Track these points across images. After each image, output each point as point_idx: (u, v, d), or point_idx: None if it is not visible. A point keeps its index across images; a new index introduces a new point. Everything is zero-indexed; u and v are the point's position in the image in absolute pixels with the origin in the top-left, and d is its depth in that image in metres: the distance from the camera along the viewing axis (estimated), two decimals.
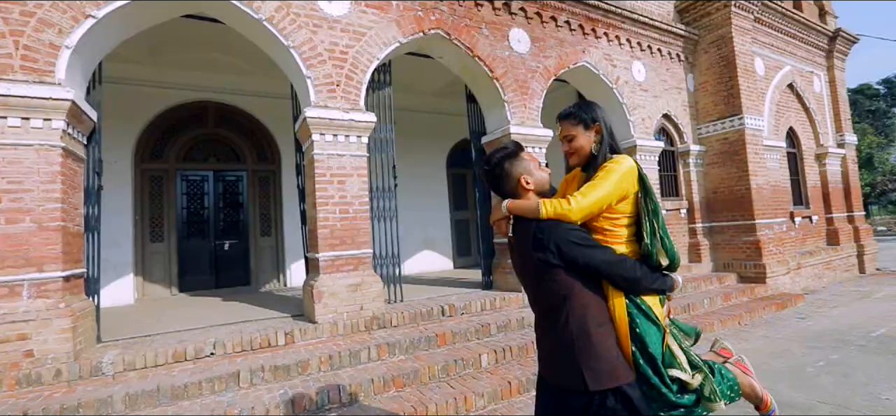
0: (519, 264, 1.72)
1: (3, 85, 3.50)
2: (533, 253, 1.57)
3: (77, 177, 4.06)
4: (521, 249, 1.65)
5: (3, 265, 3.49)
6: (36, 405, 3.18)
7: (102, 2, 3.88)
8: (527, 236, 1.60)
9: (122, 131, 7.25)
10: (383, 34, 5.22)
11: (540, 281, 1.60)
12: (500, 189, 1.75)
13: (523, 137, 6.06)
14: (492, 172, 1.74)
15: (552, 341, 1.60)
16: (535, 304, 1.70)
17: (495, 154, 1.75)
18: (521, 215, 1.65)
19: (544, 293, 1.61)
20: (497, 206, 1.73)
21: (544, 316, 1.64)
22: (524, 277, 1.70)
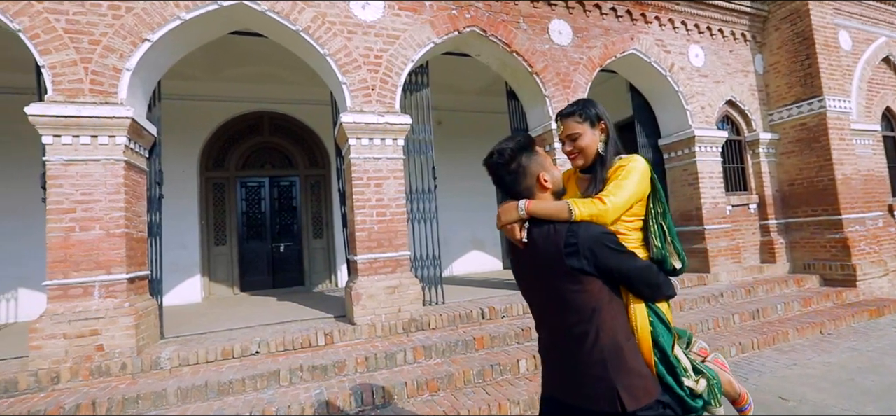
0: (530, 275, 1.52)
1: (76, 107, 3.90)
2: (565, 260, 1.37)
3: (140, 187, 4.44)
4: (539, 257, 1.45)
5: (78, 268, 3.89)
6: (103, 395, 3.51)
7: (156, 26, 4.21)
8: (552, 242, 1.41)
9: (187, 144, 7.88)
10: (417, 36, 5.22)
11: (561, 293, 1.41)
12: (512, 188, 1.53)
13: (548, 130, 5.80)
14: (505, 167, 1.51)
15: (575, 360, 1.41)
16: (549, 320, 1.50)
17: (507, 146, 1.52)
18: (545, 218, 1.45)
19: (565, 307, 1.42)
20: (509, 207, 1.50)
21: (562, 333, 1.44)
22: (537, 290, 1.51)
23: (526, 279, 1.55)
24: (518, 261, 1.55)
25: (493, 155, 1.53)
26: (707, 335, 5.17)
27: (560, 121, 1.69)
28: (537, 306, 1.54)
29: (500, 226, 1.52)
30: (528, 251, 1.48)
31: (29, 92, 4.65)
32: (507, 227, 1.51)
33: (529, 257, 1.48)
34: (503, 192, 1.56)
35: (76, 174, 3.93)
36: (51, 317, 3.79)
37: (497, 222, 1.52)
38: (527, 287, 1.56)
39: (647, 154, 7.33)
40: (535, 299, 1.53)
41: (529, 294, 1.55)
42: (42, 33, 3.91)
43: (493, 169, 1.55)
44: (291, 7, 4.68)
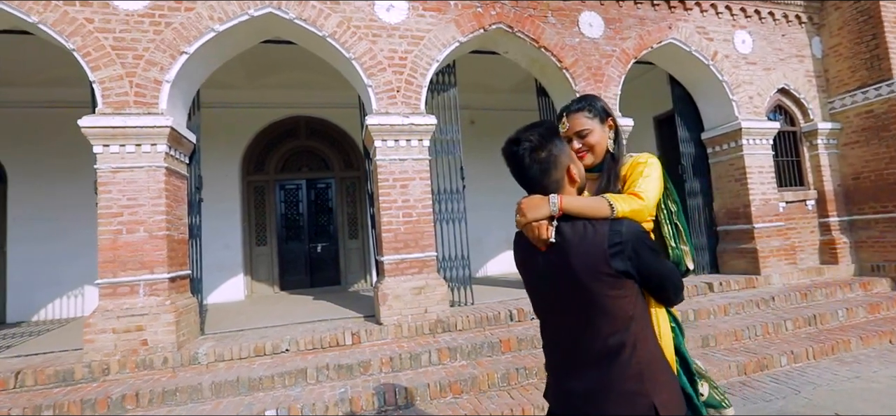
0: (553, 280, 1.30)
1: (122, 118, 4.19)
2: (610, 262, 1.23)
3: (180, 192, 4.70)
4: (573, 258, 1.26)
5: (125, 268, 4.18)
6: (146, 387, 3.75)
7: (192, 39, 4.44)
8: (591, 242, 1.25)
9: (230, 149, 8.28)
10: (442, 36, 5.20)
11: (597, 300, 1.24)
12: (538, 180, 1.34)
13: None
14: (534, 155, 1.31)
15: (606, 375, 1.25)
16: (574, 330, 1.29)
17: (536, 132, 1.32)
18: (580, 216, 1.29)
19: (600, 316, 1.25)
20: (537, 202, 1.30)
21: (591, 345, 1.27)
22: (561, 296, 1.30)
23: (545, 285, 1.34)
24: (534, 264, 1.35)
25: (519, 142, 1.31)
26: (754, 343, 4.81)
27: (566, 117, 1.59)
28: (557, 315, 1.33)
29: (525, 223, 1.30)
30: (552, 253, 1.28)
31: (79, 104, 5.03)
32: (533, 225, 1.30)
33: (556, 259, 1.28)
34: (525, 185, 1.37)
35: (123, 180, 4.22)
36: (102, 313, 4.09)
37: (518, 219, 1.31)
38: (545, 294, 1.36)
39: (689, 149, 6.94)
40: (556, 306, 1.32)
41: (548, 302, 1.35)
42: (93, 51, 4.23)
43: (517, 158, 1.33)
44: (317, 14, 4.80)
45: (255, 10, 4.62)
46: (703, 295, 5.94)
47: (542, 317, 1.39)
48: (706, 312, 5.27)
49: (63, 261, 7.25)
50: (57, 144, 7.20)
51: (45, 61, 6.29)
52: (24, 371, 3.93)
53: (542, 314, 1.39)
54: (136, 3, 4.34)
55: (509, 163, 1.36)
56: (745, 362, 4.29)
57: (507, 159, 1.35)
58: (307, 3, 4.77)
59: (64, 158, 7.22)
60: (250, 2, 4.63)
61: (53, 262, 7.23)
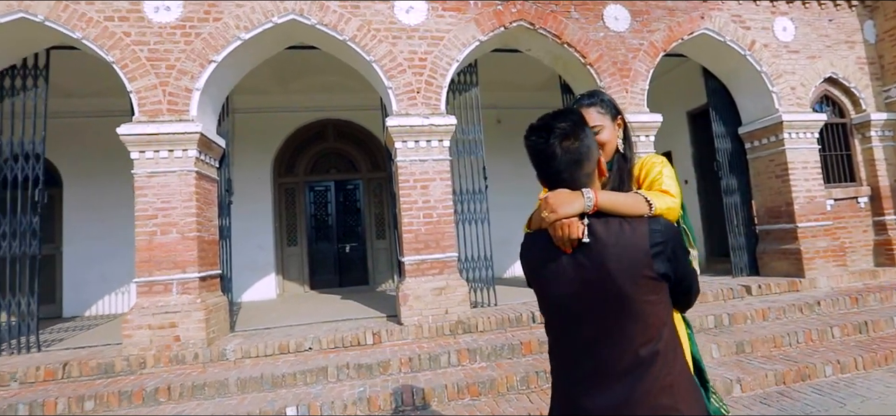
0: (577, 286, 1.15)
1: (156, 126, 4.42)
2: (653, 264, 1.13)
3: (211, 195, 4.91)
4: (607, 260, 1.12)
5: (159, 267, 4.40)
6: (177, 381, 3.93)
7: (220, 48, 4.63)
8: (630, 242, 1.13)
9: (262, 153, 8.58)
10: (461, 35, 5.18)
11: (633, 306, 1.12)
12: (569, 175, 1.18)
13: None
14: (568, 144, 1.16)
15: (636, 389, 1.12)
16: (601, 341, 1.14)
17: (565, 121, 1.17)
18: (618, 213, 1.17)
19: (633, 323, 1.12)
20: (568, 197, 1.15)
21: (621, 356, 1.13)
22: (589, 305, 1.14)
23: (569, 291, 1.17)
24: (557, 268, 1.17)
25: (550, 130, 1.16)
26: (795, 351, 4.51)
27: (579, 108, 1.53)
28: (581, 325, 1.16)
29: (555, 219, 1.14)
30: (582, 255, 1.14)
31: (124, 113, 5.34)
32: (563, 223, 1.14)
33: (586, 262, 1.14)
34: (549, 178, 1.21)
35: (157, 184, 4.45)
36: (139, 310, 4.33)
37: (545, 215, 1.14)
38: (568, 301, 1.17)
39: (725, 144, 6.60)
40: (582, 315, 1.16)
41: (571, 311, 1.17)
42: (130, 63, 4.48)
43: (546, 148, 1.16)
44: (338, 18, 4.89)
45: (278, 18, 4.76)
46: (739, 298, 5.63)
47: (560, 329, 1.20)
48: (742, 316, 4.99)
49: (111, 260, 7.73)
50: (106, 150, 7.67)
51: (94, 74, 6.72)
52: (70, 363, 4.21)
53: (560, 325, 1.20)
54: (168, 16, 4.56)
55: (535, 153, 1.19)
56: (784, 370, 4.02)
57: (531, 150, 1.19)
58: (328, 8, 4.86)
59: (112, 163, 7.68)
60: (276, 2, 4.77)
61: (103, 260, 7.71)
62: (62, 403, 3.73)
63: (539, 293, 1.24)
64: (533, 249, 1.24)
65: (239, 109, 8.51)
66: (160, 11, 4.54)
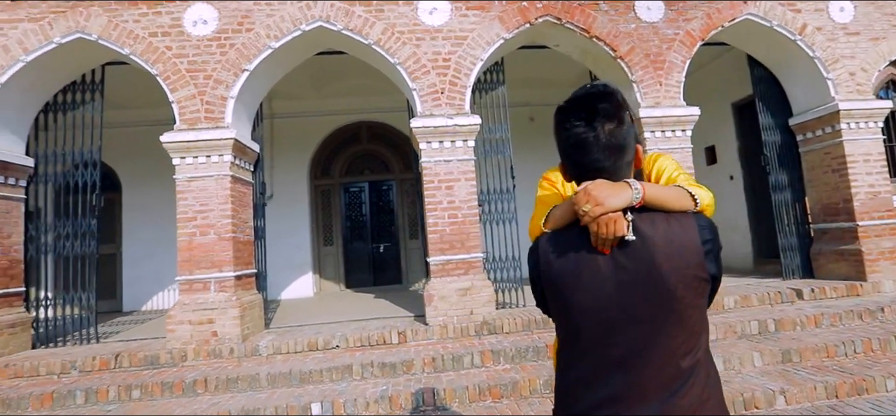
0: (618, 291, 1.00)
1: (195, 133, 4.70)
2: (705, 265, 1.02)
3: (246, 197, 5.15)
4: (658, 261, 0.99)
5: (199, 266, 4.67)
6: (213, 374, 4.16)
7: (252, 57, 4.84)
8: (681, 240, 1.01)
9: (299, 156, 8.90)
10: (486, 34, 5.14)
11: (680, 311, 1.00)
12: (613, 163, 1.04)
13: (659, 121, 5.16)
14: (615, 124, 1.01)
15: (670, 406, 1.01)
16: (640, 351, 0.99)
17: (609, 102, 1.03)
18: (664, 208, 1.04)
19: (678, 330, 1.00)
20: (614, 188, 1.00)
21: (650, 371, 0.99)
22: (631, 313, 0.99)
23: (606, 297, 1.00)
24: (592, 271, 1.01)
25: (594, 112, 1.01)
26: (851, 361, 4.13)
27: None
28: (617, 335, 1.00)
29: (601, 214, 0.97)
30: (624, 256, 1.00)
31: (165, 123, 5.71)
32: (609, 218, 0.98)
33: (631, 263, 0.99)
34: (585, 170, 1.04)
35: (196, 188, 4.72)
36: (180, 307, 4.61)
37: (589, 209, 0.97)
38: (604, 309, 1.00)
39: (773, 137, 6.14)
40: (620, 325, 1.00)
41: (607, 320, 1.00)
42: (171, 75, 4.78)
43: (591, 135, 1.00)
44: (363, 23, 4.98)
45: (306, 25, 4.92)
46: (788, 303, 5.22)
47: (587, 343, 1.02)
48: (790, 322, 4.63)
49: (164, 258, 8.27)
50: (157, 157, 8.17)
51: (146, 86, 7.22)
52: (122, 355, 4.56)
53: (588, 339, 1.02)
54: (205, 29, 4.83)
55: (572, 140, 1.03)
56: (837, 383, 3.69)
57: (568, 135, 1.03)
58: (353, 13, 4.97)
59: (163, 169, 8.21)
60: (304, 10, 4.93)
61: (157, 259, 8.27)
62: (113, 391, 4.04)
63: (562, 303, 1.05)
64: (557, 250, 1.05)
65: (277, 114, 8.89)
66: (198, 25, 4.81)
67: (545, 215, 1.13)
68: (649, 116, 5.12)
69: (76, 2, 4.74)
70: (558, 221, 1.10)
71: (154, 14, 4.78)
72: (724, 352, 4.09)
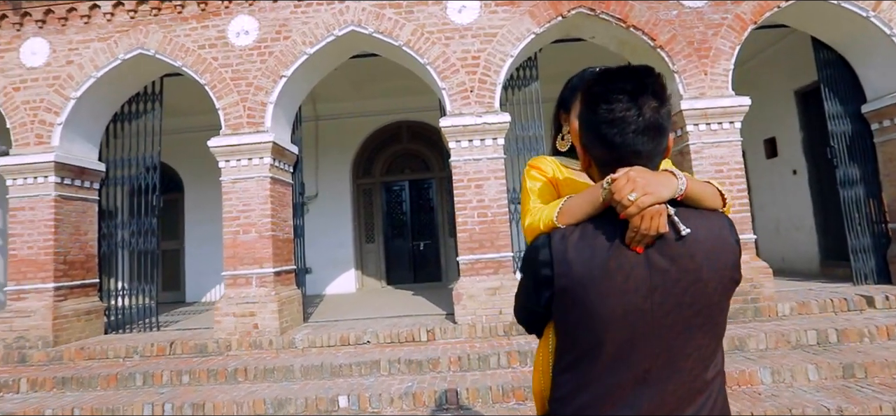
0: (653, 295, 0.88)
1: (238, 137, 5.02)
2: (739, 268, 0.94)
3: (285, 197, 5.42)
4: (701, 263, 0.89)
5: (241, 263, 4.99)
6: (252, 364, 4.43)
7: (289, 63, 5.08)
8: (721, 241, 0.92)
9: (342, 157, 9.22)
10: (515, 30, 5.05)
11: (714, 318, 0.92)
12: (654, 149, 0.92)
13: (703, 113, 4.82)
14: (654, 103, 0.89)
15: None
16: (668, 364, 0.89)
17: (653, 79, 0.91)
18: (701, 204, 0.95)
19: (707, 340, 0.92)
20: (663, 178, 0.90)
21: (676, 386, 0.90)
22: (666, 321, 0.88)
23: (633, 302, 0.88)
24: (624, 272, 0.88)
25: (643, 87, 0.89)
26: None
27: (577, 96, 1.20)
28: (636, 348, 0.89)
29: (650, 203, 0.85)
30: (656, 255, 0.88)
31: (218, 128, 6.12)
32: (654, 211, 0.86)
33: (665, 263, 0.88)
34: (621, 156, 0.91)
35: (239, 190, 5.03)
36: (226, 300, 4.95)
37: (638, 198, 0.84)
38: (630, 317, 0.88)
39: (842, 126, 5.53)
40: (645, 335, 0.88)
41: (632, 328, 0.88)
42: (217, 84, 5.13)
43: (638, 116, 0.88)
44: (393, 25, 5.07)
45: (339, 30, 5.09)
46: (856, 311, 4.70)
47: (610, 358, 0.89)
48: (856, 333, 4.17)
49: (220, 254, 8.90)
50: (213, 159, 8.86)
51: (202, 95, 7.79)
52: (176, 342, 4.97)
53: (611, 353, 0.89)
54: (247, 39, 5.13)
55: (613, 114, 0.89)
56: None
57: (606, 108, 0.90)
58: (383, 16, 5.07)
59: (218, 170, 8.86)
60: (339, 8, 5.09)
61: (213, 254, 8.87)
62: (166, 375, 4.42)
63: (582, 312, 0.89)
64: (579, 249, 0.90)
65: (322, 116, 9.25)
66: (240, 36, 5.12)
67: (555, 207, 0.98)
68: (692, 109, 4.80)
69: (137, 20, 5.21)
70: (576, 213, 0.94)
71: (202, 28, 5.15)
72: (773, 363, 3.77)
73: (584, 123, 0.96)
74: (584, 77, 1.24)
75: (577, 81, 1.27)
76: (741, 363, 3.87)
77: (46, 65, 5.24)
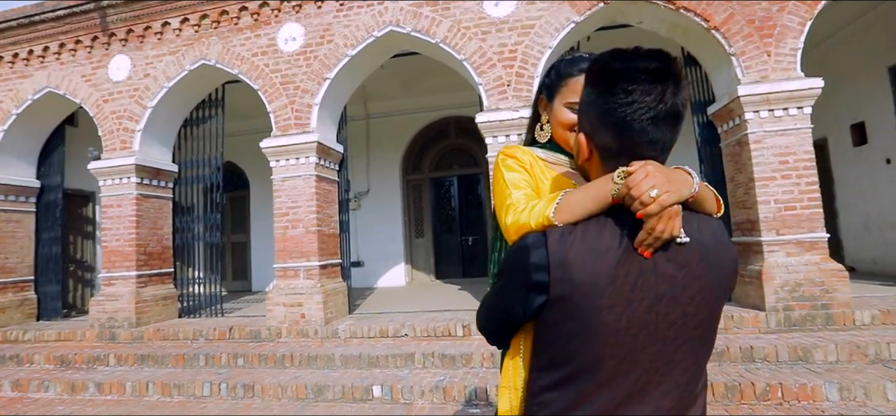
0: (649, 305, 0.80)
1: (286, 138, 5.34)
2: (737, 274, 0.91)
3: (331, 195, 5.70)
4: (705, 271, 0.84)
5: (290, 256, 5.32)
6: (299, 351, 4.72)
7: (332, 66, 5.31)
8: (721, 246, 0.87)
9: (391, 153, 9.47)
10: (554, 20, 4.88)
11: (712, 326, 0.87)
12: (671, 141, 0.85)
13: (765, 99, 4.37)
14: (674, 85, 0.80)
15: None
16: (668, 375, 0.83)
17: (673, 62, 0.81)
18: (703, 208, 0.89)
19: (705, 348, 0.88)
20: (681, 177, 0.84)
21: (671, 406, 0.84)
22: (662, 336, 0.81)
23: (636, 313, 0.80)
24: (625, 279, 0.80)
25: (664, 71, 0.80)
26: None
27: (570, 77, 1.11)
28: (634, 364, 0.82)
29: (670, 203, 0.77)
30: (663, 260, 0.81)
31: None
32: (671, 211, 0.78)
33: (671, 270, 0.81)
34: (636, 144, 0.82)
35: (288, 187, 5.37)
36: (277, 290, 5.31)
37: (661, 196, 0.75)
38: (632, 328, 0.80)
39: None
40: (644, 348, 0.81)
41: (632, 342, 0.80)
42: (268, 88, 5.49)
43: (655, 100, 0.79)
44: (430, 23, 5.11)
45: (378, 31, 5.23)
46: None
47: (611, 374, 0.81)
48: None
49: None
50: None
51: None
52: (235, 328, 5.43)
53: (613, 368, 0.81)
54: (294, 45, 5.43)
55: (632, 100, 0.79)
56: None
57: (623, 93, 0.80)
58: (421, 14, 5.13)
59: None
60: (378, 9, 5.24)
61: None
62: (225, 358, 4.84)
63: (580, 323, 0.81)
64: (581, 252, 0.80)
65: (372, 114, 9.57)
66: (288, 42, 5.43)
67: (552, 203, 0.86)
68: (752, 94, 4.36)
69: (201, 34, 5.71)
70: (577, 210, 0.84)
71: (255, 36, 5.53)
72: (842, 378, 3.37)
73: (593, 105, 0.84)
74: (574, 60, 1.14)
75: (564, 66, 1.15)
76: (803, 375, 3.49)
77: (128, 79, 5.91)
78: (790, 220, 4.28)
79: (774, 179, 4.34)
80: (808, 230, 4.24)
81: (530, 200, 0.95)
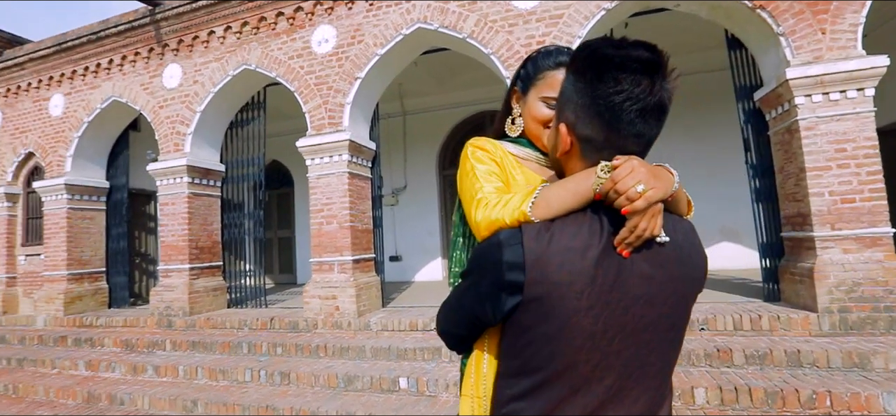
0: (625, 307, 0.77)
1: (320, 137, 5.55)
2: (706, 276, 0.88)
3: (364, 191, 5.86)
4: (679, 272, 0.82)
5: (325, 250, 5.53)
6: (332, 342, 4.92)
7: (363, 65, 5.44)
8: (694, 247, 0.86)
9: (428, 149, 9.57)
10: (583, 8, 4.73)
11: (682, 329, 0.85)
12: (656, 134, 0.81)
13: (819, 81, 4.00)
14: (662, 77, 0.77)
15: None
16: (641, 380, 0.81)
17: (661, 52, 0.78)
18: (676, 208, 0.89)
19: (675, 351, 0.86)
20: (658, 171, 0.81)
21: (642, 403, 0.81)
22: (635, 340, 0.78)
23: (612, 315, 0.77)
24: (603, 280, 0.76)
25: (654, 62, 0.76)
26: None
27: (547, 70, 1.07)
28: (607, 369, 0.78)
29: (655, 200, 0.75)
30: (641, 261, 0.78)
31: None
32: (655, 210, 0.76)
33: (648, 270, 0.78)
34: (623, 138, 0.79)
35: (323, 184, 5.57)
36: (313, 284, 5.55)
37: (647, 193, 0.73)
38: (608, 331, 0.77)
39: None
40: (617, 353, 0.78)
41: (607, 346, 0.77)
42: (303, 89, 5.72)
43: (645, 93, 0.76)
44: (457, 18, 5.11)
45: (406, 29, 5.29)
46: None
47: (584, 380, 0.78)
48: None
49: None
50: None
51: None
52: (275, 319, 5.74)
53: (586, 375, 0.78)
54: (327, 47, 5.62)
55: (620, 92, 0.76)
56: None
57: (613, 83, 0.76)
58: (447, 10, 5.14)
59: None
60: (406, 7, 5.31)
61: None
62: (265, 346, 5.13)
63: (556, 327, 0.76)
64: (558, 250, 0.76)
65: (408, 111, 9.70)
66: (322, 44, 5.63)
67: (528, 198, 0.82)
68: (803, 77, 4.00)
69: (242, 40, 6.04)
70: (555, 206, 0.80)
71: (291, 40, 5.77)
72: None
73: (580, 93, 0.80)
74: (552, 53, 1.09)
75: (541, 58, 1.10)
76: (858, 383, 3.20)
77: (180, 86, 6.36)
78: (848, 213, 3.91)
79: (829, 169, 3.97)
80: (869, 225, 3.85)
81: (502, 194, 0.90)
